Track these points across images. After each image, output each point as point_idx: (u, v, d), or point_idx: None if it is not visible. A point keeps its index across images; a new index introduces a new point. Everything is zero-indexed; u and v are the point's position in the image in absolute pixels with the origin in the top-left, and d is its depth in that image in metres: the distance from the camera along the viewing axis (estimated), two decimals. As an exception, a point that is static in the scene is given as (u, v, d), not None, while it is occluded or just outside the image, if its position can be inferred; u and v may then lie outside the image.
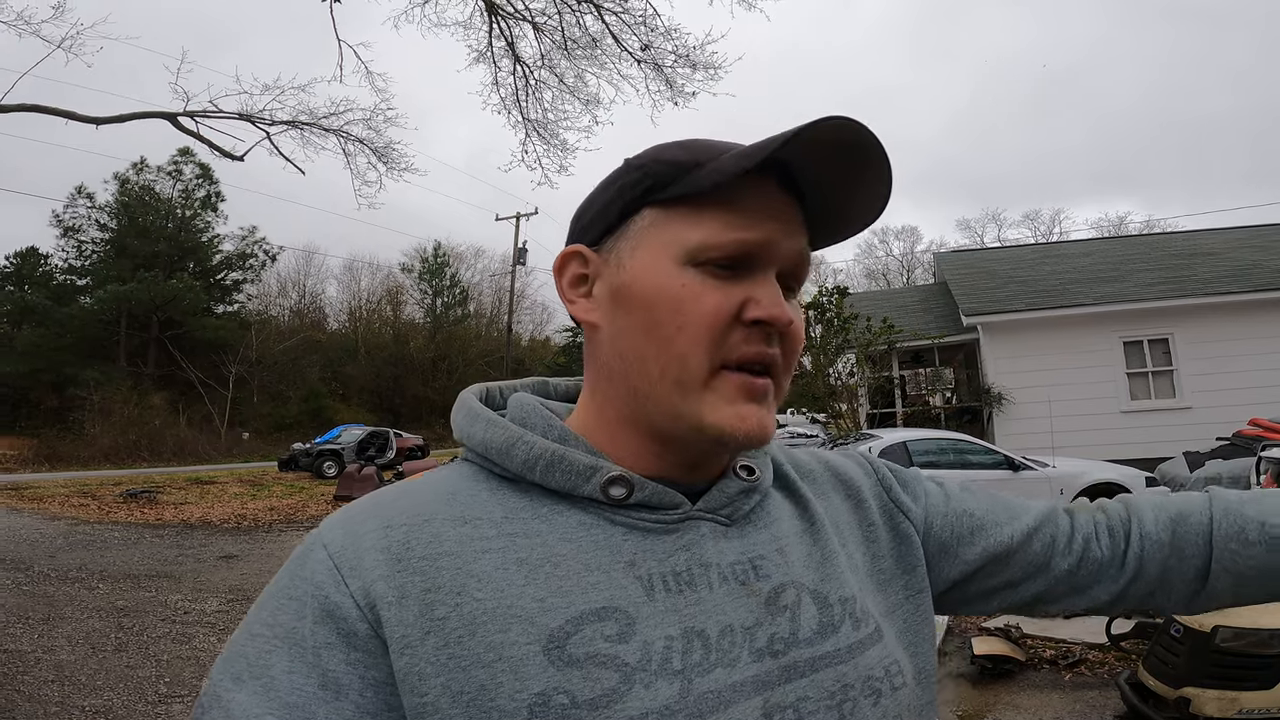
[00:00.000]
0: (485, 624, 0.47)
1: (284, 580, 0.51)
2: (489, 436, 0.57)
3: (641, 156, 0.57)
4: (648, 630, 0.49)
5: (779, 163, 0.53)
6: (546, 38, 9.09)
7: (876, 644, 0.55)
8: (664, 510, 0.54)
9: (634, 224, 0.56)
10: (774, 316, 0.52)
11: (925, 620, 0.62)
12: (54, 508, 12.83)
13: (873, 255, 52.05)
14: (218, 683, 0.47)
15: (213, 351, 32.30)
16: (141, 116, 9.62)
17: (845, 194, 0.56)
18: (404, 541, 0.50)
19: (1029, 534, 0.66)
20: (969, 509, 0.67)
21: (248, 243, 37.21)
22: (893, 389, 14.79)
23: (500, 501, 0.54)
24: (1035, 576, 0.66)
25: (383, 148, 10.54)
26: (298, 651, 0.47)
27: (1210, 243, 14.27)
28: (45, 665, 4.84)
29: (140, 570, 7.97)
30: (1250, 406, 10.20)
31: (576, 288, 0.59)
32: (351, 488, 14.26)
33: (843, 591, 0.56)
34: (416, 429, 29.65)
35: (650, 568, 0.52)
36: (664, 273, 0.53)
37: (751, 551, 0.56)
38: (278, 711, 0.45)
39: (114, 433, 25.93)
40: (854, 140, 0.52)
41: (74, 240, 33.62)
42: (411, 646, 0.47)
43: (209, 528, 11.42)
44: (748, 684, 0.49)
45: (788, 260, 0.55)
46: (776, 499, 0.61)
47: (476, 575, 0.49)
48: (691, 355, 0.52)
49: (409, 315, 46.37)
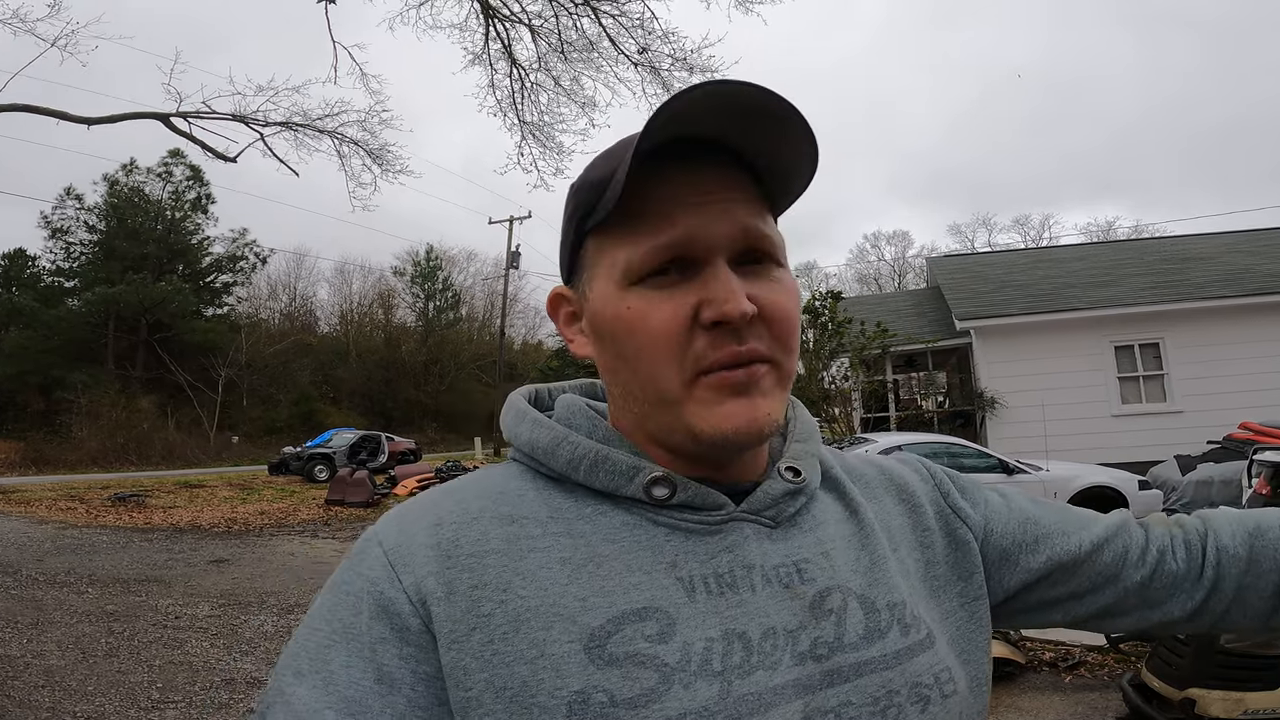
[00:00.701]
0: (528, 621, 0.48)
1: (342, 576, 0.52)
2: (535, 436, 0.57)
3: (577, 179, 0.57)
4: (688, 631, 0.49)
5: (702, 142, 0.52)
6: (543, 40, 9.09)
7: (927, 650, 0.54)
8: (707, 511, 0.54)
9: (585, 256, 0.57)
10: (726, 314, 0.50)
11: (980, 628, 0.60)
12: (41, 511, 12.67)
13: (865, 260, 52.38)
14: (281, 677, 0.49)
15: (202, 354, 32.06)
16: (134, 117, 9.55)
17: (772, 155, 0.53)
18: (453, 539, 0.51)
19: (1099, 544, 0.64)
20: (1033, 517, 0.66)
21: (238, 245, 37.00)
22: (886, 393, 14.82)
23: (546, 501, 0.54)
24: (1104, 588, 0.64)
25: (377, 149, 10.53)
26: (355, 646, 0.48)
27: (1201, 247, 14.40)
28: (35, 670, 4.76)
29: (130, 574, 7.88)
30: (1241, 410, 10.28)
31: (571, 325, 0.60)
32: (343, 492, 14.18)
33: (891, 597, 0.55)
34: (408, 433, 29.51)
35: (692, 569, 0.52)
36: (613, 300, 0.53)
37: (796, 555, 0.55)
38: (337, 705, 0.46)
39: (101, 436, 25.68)
40: (745, 99, 0.49)
41: (62, 242, 33.34)
42: (458, 641, 0.47)
43: (199, 532, 11.31)
44: (788, 687, 0.49)
45: (731, 240, 0.52)
46: (824, 502, 0.60)
47: (521, 573, 0.50)
48: (660, 374, 0.52)
49: (401, 319, 46.25)
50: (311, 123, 9.95)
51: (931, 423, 14.26)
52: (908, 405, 16.21)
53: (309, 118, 9.93)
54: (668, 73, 8.92)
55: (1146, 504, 8.85)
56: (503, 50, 9.24)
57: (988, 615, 0.62)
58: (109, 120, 9.30)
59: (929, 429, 13.37)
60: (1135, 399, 12.24)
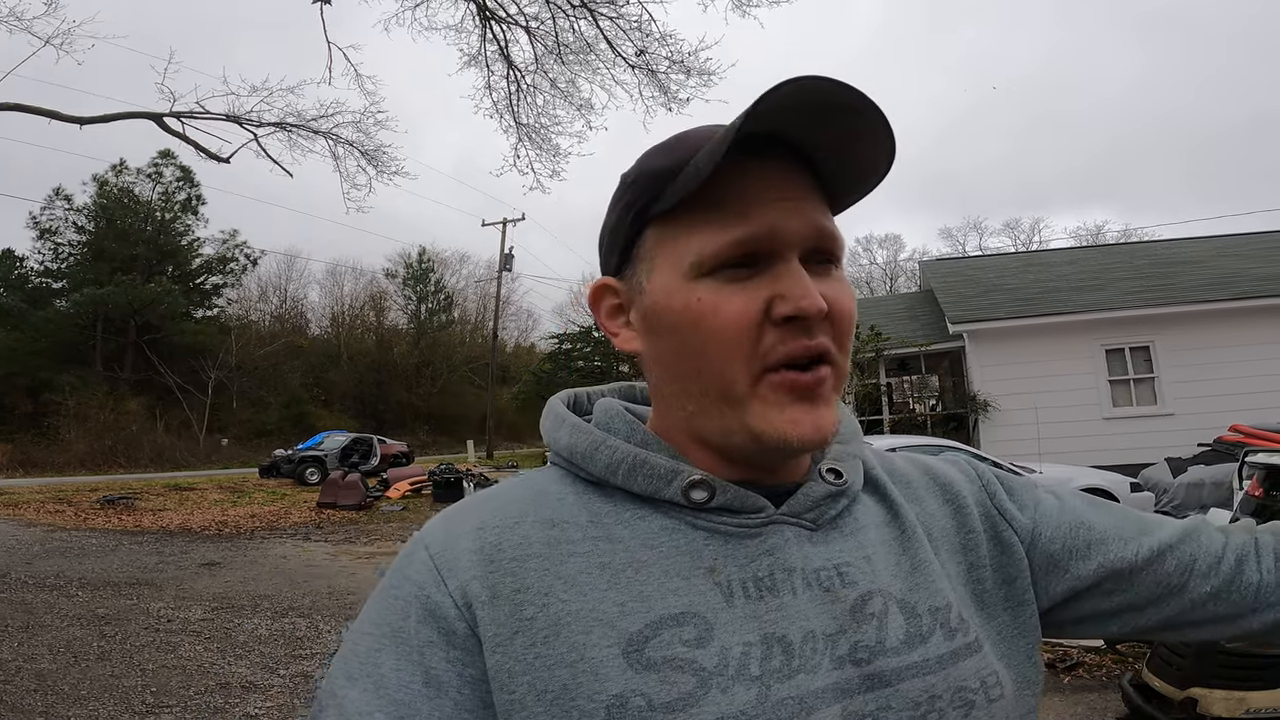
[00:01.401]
0: (569, 625, 0.48)
1: (391, 580, 0.53)
2: (574, 441, 0.58)
3: (631, 171, 0.57)
4: (726, 636, 0.49)
5: (768, 136, 0.51)
6: (540, 42, 9.08)
7: (974, 655, 0.53)
8: (747, 514, 0.54)
9: (642, 246, 0.56)
10: (803, 309, 0.49)
11: (1024, 632, 0.59)
12: (29, 514, 12.54)
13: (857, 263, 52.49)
14: (334, 680, 0.49)
15: (191, 356, 31.81)
16: (126, 117, 9.48)
17: (846, 151, 0.53)
18: (496, 543, 0.52)
19: (1159, 551, 0.60)
20: (1086, 521, 0.62)
21: (228, 246, 36.76)
22: (880, 396, 14.86)
23: (586, 505, 0.55)
24: (1166, 600, 0.60)
25: (372, 150, 10.48)
26: (404, 650, 0.49)
27: (1190, 251, 14.52)
28: (26, 675, 4.70)
29: (120, 578, 7.80)
30: (1231, 413, 10.36)
31: (615, 319, 0.59)
32: (335, 495, 14.09)
33: (934, 601, 0.55)
34: (400, 435, 29.39)
35: (731, 574, 0.52)
36: (679, 291, 0.52)
37: (838, 558, 0.54)
38: (387, 709, 0.47)
39: (90, 438, 25.46)
40: (830, 95, 0.48)
41: (51, 243, 33.02)
42: (502, 645, 0.48)
43: (189, 535, 11.21)
44: (827, 691, 0.48)
45: (804, 239, 0.52)
46: (866, 504, 0.59)
47: (563, 578, 0.50)
48: (727, 369, 0.51)
49: (393, 321, 46.05)
50: (306, 123, 9.91)
51: (925, 426, 14.32)
52: (901, 409, 16.28)
53: (303, 118, 9.90)
54: (665, 75, 8.94)
55: (1138, 506, 8.85)
56: (499, 52, 9.23)
57: (1035, 620, 0.60)
58: (102, 120, 9.23)
59: (922, 432, 13.42)
60: (1126, 402, 12.32)
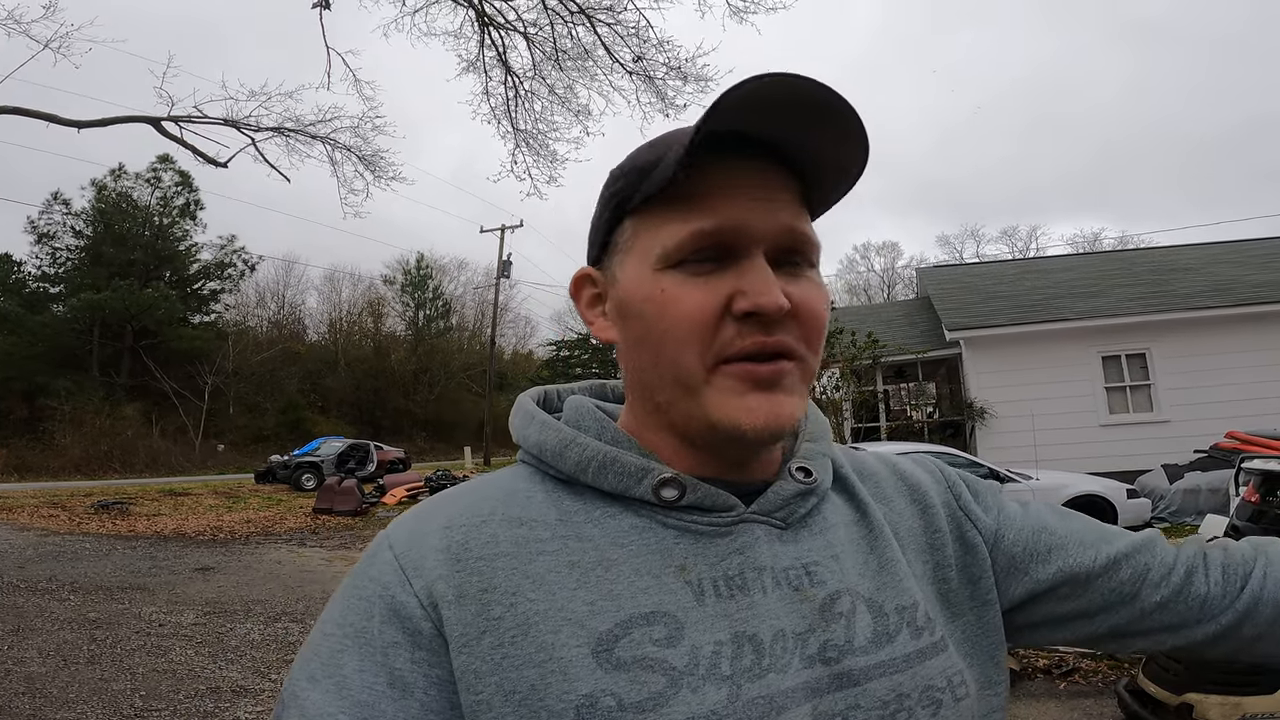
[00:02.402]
0: (537, 625, 0.48)
1: (355, 580, 0.52)
2: (543, 439, 0.57)
3: (620, 165, 0.57)
4: (696, 635, 0.48)
5: (746, 135, 0.51)
6: (538, 48, 9.11)
7: (940, 654, 0.54)
8: (717, 512, 0.54)
9: (619, 237, 0.56)
10: (761, 306, 0.49)
11: (989, 631, 0.59)
12: (23, 518, 12.48)
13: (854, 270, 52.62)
14: (295, 682, 0.49)
15: (188, 362, 31.74)
16: (125, 121, 9.49)
17: (817, 148, 0.52)
18: (463, 542, 0.51)
19: (1116, 559, 0.61)
20: (1049, 526, 0.63)
21: (226, 252, 36.74)
22: (877, 403, 14.86)
23: (555, 504, 0.54)
24: (1117, 607, 0.61)
25: (370, 156, 10.48)
26: (367, 651, 0.48)
27: (1187, 258, 14.54)
28: (15, 677, 4.67)
29: (112, 582, 7.76)
30: (1227, 420, 10.37)
31: (593, 308, 0.60)
32: (331, 500, 14.06)
33: (900, 600, 0.55)
34: (397, 442, 29.34)
35: (701, 572, 0.51)
36: (646, 281, 0.53)
37: (806, 557, 0.54)
38: (350, 710, 0.46)
39: (85, 443, 25.39)
40: (797, 91, 0.48)
41: (48, 247, 33.00)
42: (469, 645, 0.47)
43: (183, 540, 11.16)
44: (798, 690, 0.48)
45: (772, 237, 0.51)
46: (835, 503, 0.60)
47: (531, 577, 0.50)
48: (682, 358, 0.51)
49: (390, 328, 46.04)
50: (304, 128, 9.91)
51: (922, 433, 14.32)
52: (898, 416, 16.27)
53: (301, 123, 9.90)
54: (662, 81, 8.96)
55: (1135, 513, 8.90)
56: (497, 58, 9.25)
57: (998, 620, 0.60)
58: (100, 124, 9.23)
59: (919, 439, 13.42)
60: (1123, 409, 12.32)
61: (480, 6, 8.67)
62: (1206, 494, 9.02)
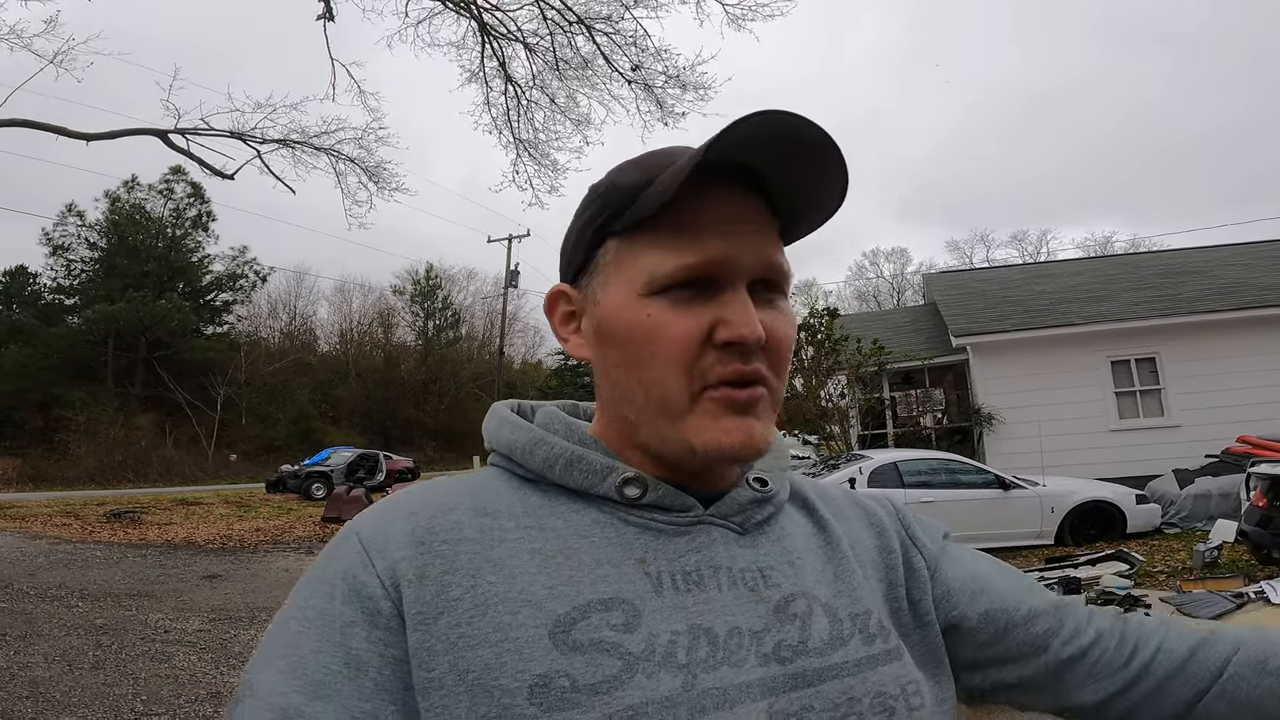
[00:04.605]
0: (495, 606, 0.48)
1: (318, 566, 0.53)
2: (514, 438, 0.59)
3: (600, 182, 0.58)
4: (654, 623, 0.50)
5: (732, 163, 0.53)
6: (538, 58, 9.18)
7: (893, 661, 0.55)
8: (676, 512, 0.56)
9: (601, 258, 0.57)
10: (742, 336, 0.52)
11: (933, 650, 0.61)
12: (36, 527, 12.63)
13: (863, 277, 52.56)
14: (251, 669, 0.49)
15: (201, 373, 32.06)
16: (132, 133, 9.62)
17: (802, 185, 0.55)
18: (428, 527, 0.52)
19: (1036, 612, 0.63)
20: (984, 572, 0.67)
21: (238, 263, 37.16)
22: (883, 410, 14.77)
23: (521, 499, 0.56)
24: (1029, 659, 0.62)
25: (373, 167, 10.58)
26: (326, 632, 0.48)
27: (1196, 261, 14.42)
28: (20, 682, 4.73)
29: (121, 589, 7.83)
30: (1239, 424, 10.26)
31: (567, 325, 0.61)
32: (340, 509, 14.11)
33: (854, 608, 0.57)
34: (407, 451, 29.43)
35: (660, 566, 0.53)
36: (631, 306, 0.54)
37: (762, 561, 0.56)
38: (303, 690, 0.46)
39: (99, 453, 25.66)
40: (795, 130, 0.51)
41: (63, 259, 33.49)
42: (426, 623, 0.48)
43: (193, 548, 11.25)
44: (753, 686, 0.49)
45: (753, 269, 0.54)
46: (794, 517, 0.62)
47: (492, 561, 0.51)
48: (668, 383, 0.53)
49: (400, 338, 46.30)
50: (309, 140, 10.01)
51: (929, 439, 14.22)
52: (905, 422, 16.18)
53: (306, 135, 10.01)
54: (660, 90, 9.01)
55: (1145, 518, 8.81)
56: (498, 68, 9.34)
57: (940, 640, 0.62)
58: (108, 136, 9.37)
59: (927, 445, 13.32)
60: (1132, 414, 12.19)
61: (481, 17, 8.76)
62: (1217, 499, 8.91)
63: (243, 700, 0.47)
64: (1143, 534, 8.69)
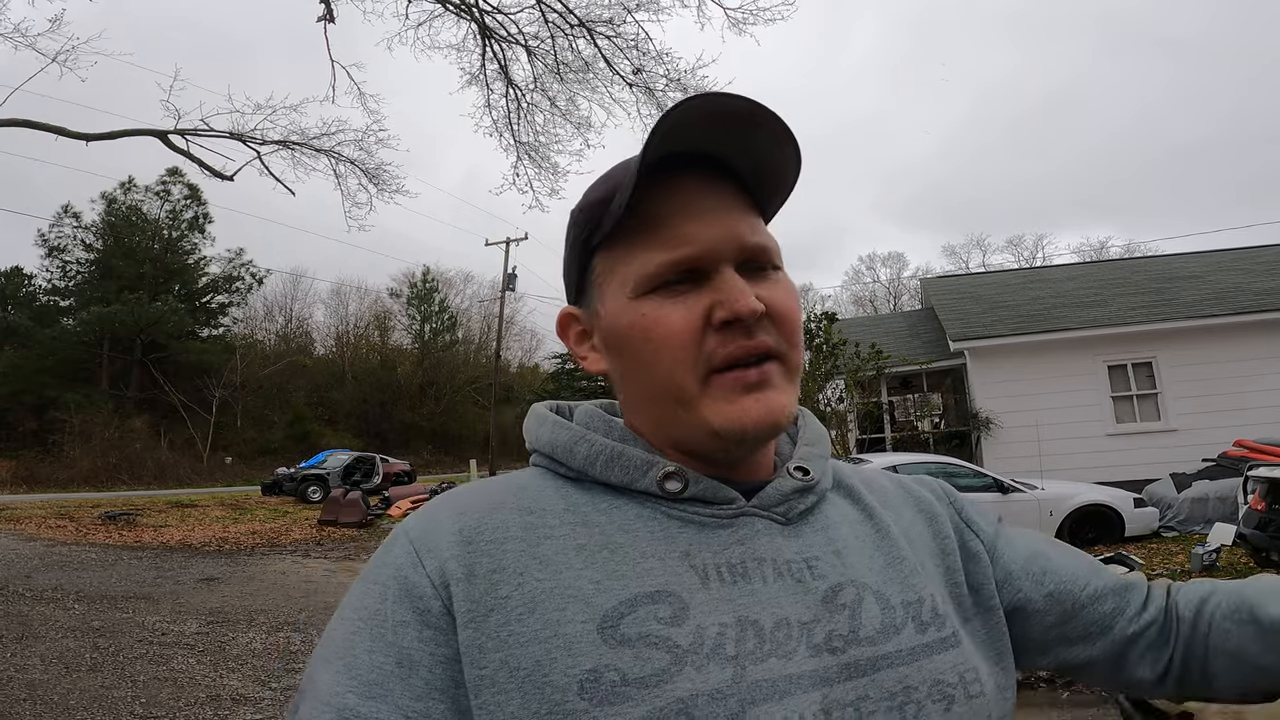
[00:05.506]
0: (544, 602, 0.49)
1: (371, 568, 0.54)
2: (555, 436, 0.60)
3: (578, 204, 0.60)
4: (701, 615, 0.50)
5: (690, 155, 0.55)
6: (539, 61, 9.19)
7: (951, 649, 0.55)
8: (719, 505, 0.56)
9: (593, 274, 0.60)
10: (737, 311, 0.53)
11: (996, 637, 0.61)
12: (30, 529, 12.55)
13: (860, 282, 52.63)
14: (312, 665, 0.51)
15: (196, 375, 31.94)
16: (132, 134, 9.59)
17: (753, 157, 0.56)
18: (475, 526, 0.53)
19: (1102, 593, 0.65)
20: (1044, 552, 0.67)
21: (234, 265, 37.05)
22: (882, 414, 14.79)
23: (563, 496, 0.57)
24: (1095, 638, 0.64)
25: (374, 169, 10.56)
26: (379, 632, 0.49)
27: (1192, 266, 14.47)
28: (17, 684, 4.69)
29: (117, 591, 7.78)
30: (1235, 428, 10.30)
31: (582, 344, 0.63)
32: (337, 512, 14.07)
33: (906, 595, 0.56)
34: (403, 455, 29.40)
35: (705, 558, 0.53)
36: (627, 311, 0.56)
37: (807, 551, 0.56)
38: (357, 689, 0.47)
39: (94, 455, 25.54)
40: (725, 106, 0.52)
41: (59, 260, 33.36)
42: (476, 621, 0.49)
43: (189, 550, 11.20)
44: (805, 677, 0.49)
45: (734, 249, 0.55)
46: (839, 505, 0.62)
47: (539, 558, 0.51)
48: (676, 374, 0.54)
49: (397, 341, 46.22)
50: (309, 141, 9.99)
51: (927, 443, 14.23)
52: (903, 426, 16.20)
53: (306, 136, 9.98)
54: (662, 93, 9.01)
55: (1142, 522, 8.83)
56: (499, 71, 9.34)
57: (1003, 625, 0.62)
58: (108, 136, 9.34)
59: (925, 450, 13.34)
60: (1129, 418, 12.22)
61: (482, 20, 8.76)
62: (1215, 502, 8.94)
63: (305, 696, 0.49)
64: (1141, 537, 8.72)
